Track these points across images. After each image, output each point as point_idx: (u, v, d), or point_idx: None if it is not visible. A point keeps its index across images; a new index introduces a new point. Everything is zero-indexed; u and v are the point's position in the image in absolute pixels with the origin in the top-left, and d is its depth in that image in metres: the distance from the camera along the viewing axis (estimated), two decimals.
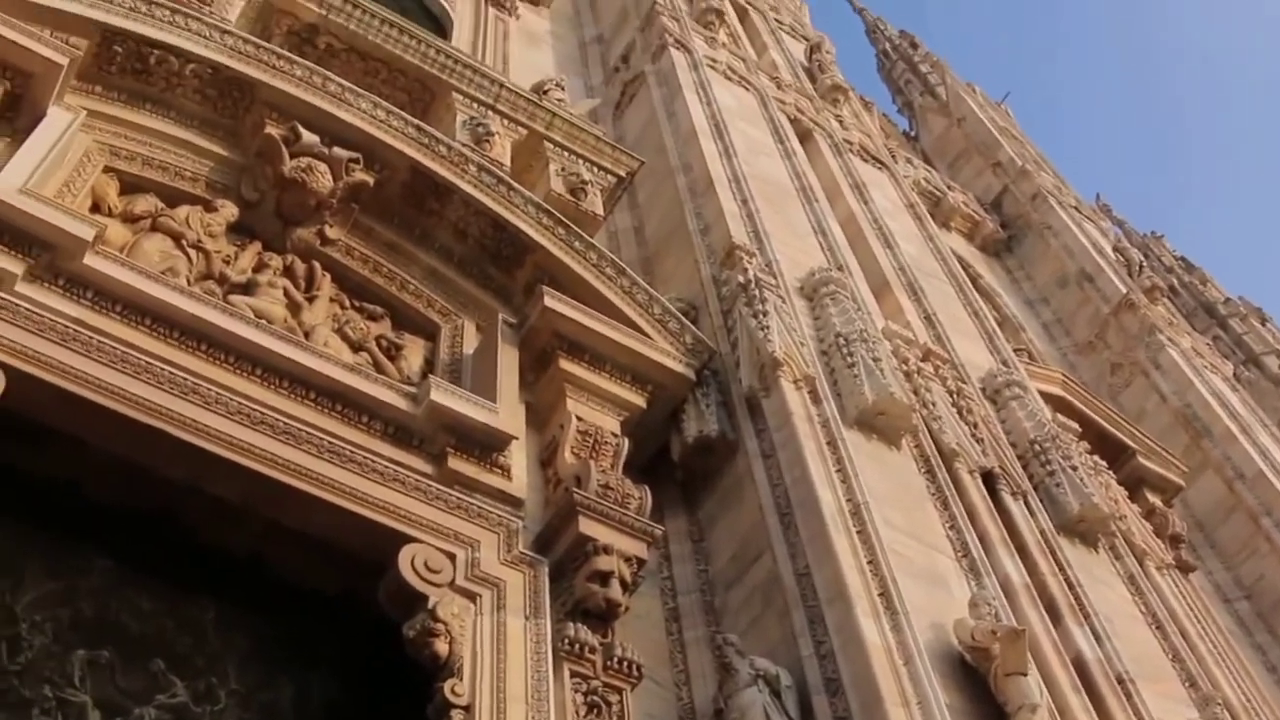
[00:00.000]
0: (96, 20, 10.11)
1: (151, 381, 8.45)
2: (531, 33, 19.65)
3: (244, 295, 9.86)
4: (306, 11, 12.86)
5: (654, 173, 14.71)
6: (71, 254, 8.71)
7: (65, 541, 8.40)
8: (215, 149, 10.70)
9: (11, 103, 9.42)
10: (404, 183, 11.09)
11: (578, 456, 9.91)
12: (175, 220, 10.03)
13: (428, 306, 10.99)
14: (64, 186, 9.52)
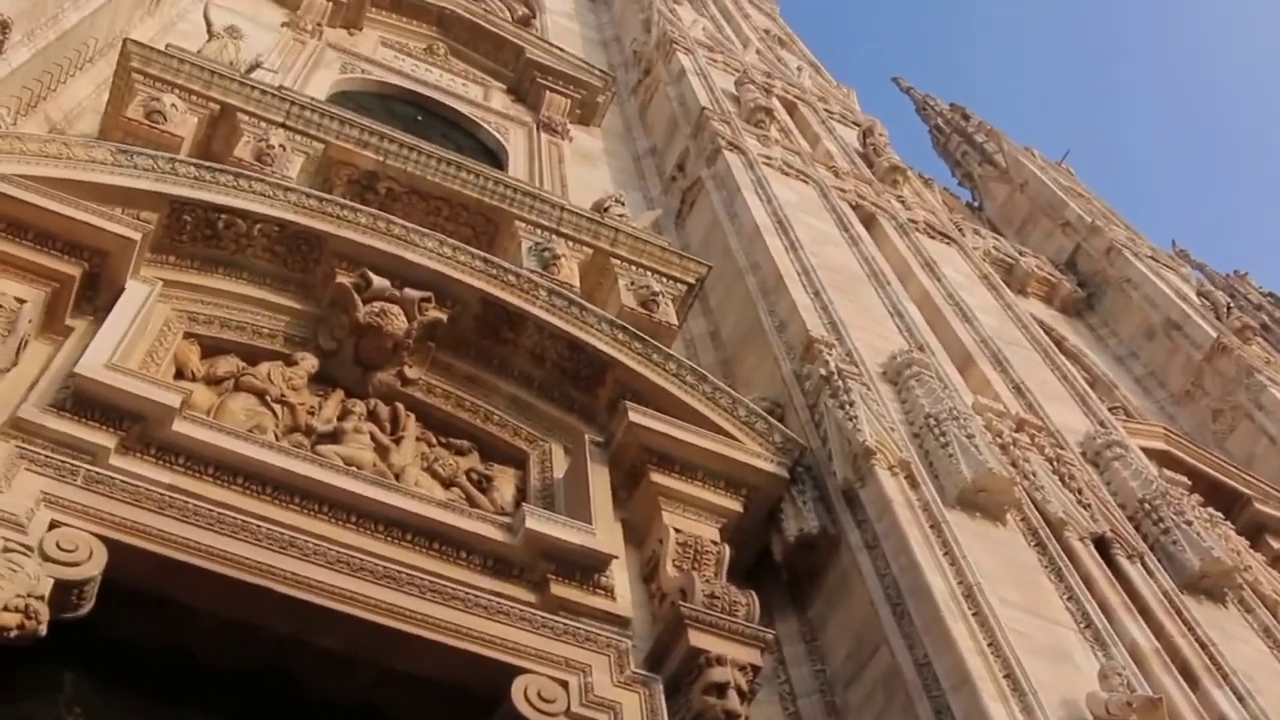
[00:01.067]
0: (165, 193, 10.39)
1: (250, 539, 8.50)
2: (586, 152, 19.91)
3: (332, 444, 9.95)
4: (364, 160, 13.11)
5: (723, 275, 14.76)
6: (160, 422, 8.86)
7: (176, 709, 8.40)
8: (290, 303, 10.89)
9: (90, 282, 9.65)
10: (477, 315, 11.19)
11: (680, 569, 9.80)
12: (257, 378, 10.20)
13: (513, 435, 11.01)
14: (147, 357, 9.75)
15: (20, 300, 9.06)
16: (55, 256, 9.46)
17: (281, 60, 16.96)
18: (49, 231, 9.47)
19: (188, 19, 16.67)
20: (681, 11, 27.88)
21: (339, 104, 15.99)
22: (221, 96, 12.67)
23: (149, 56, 12.48)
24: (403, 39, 21.06)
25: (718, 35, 27.47)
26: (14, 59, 11.33)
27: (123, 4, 14.55)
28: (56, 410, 8.75)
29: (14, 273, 9.24)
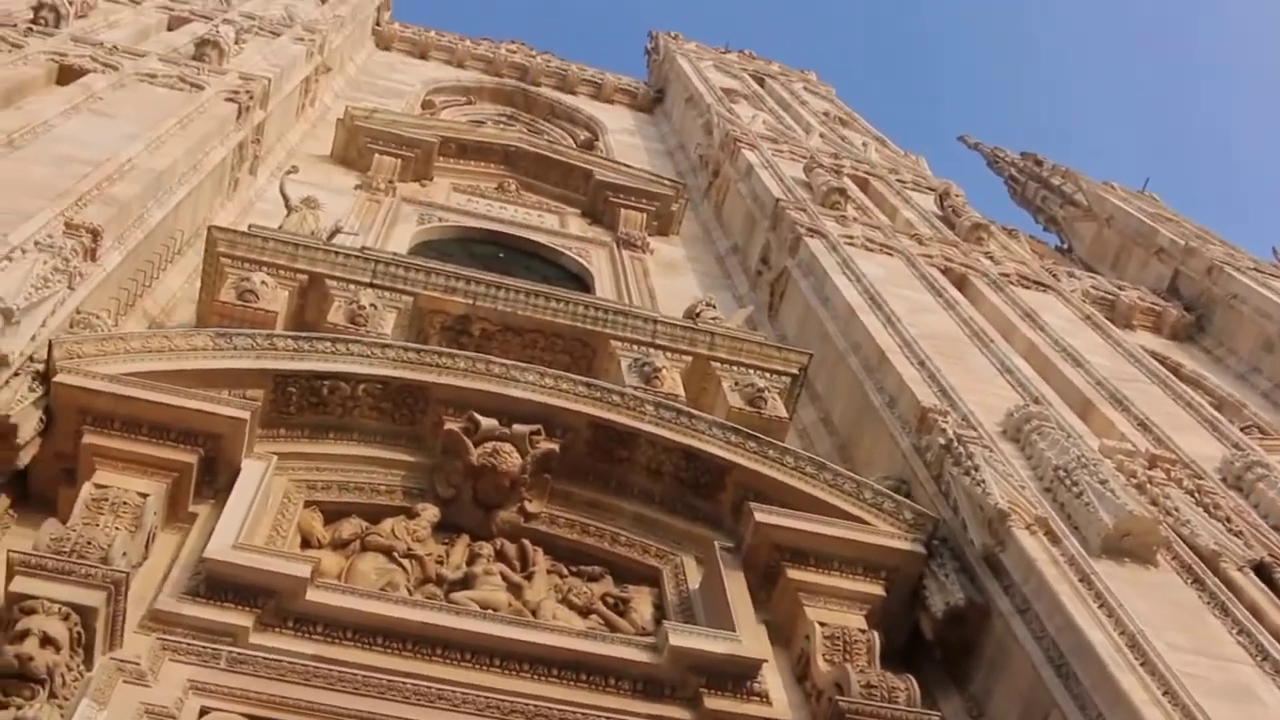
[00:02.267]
0: (266, 369, 10.59)
1: (398, 698, 8.55)
2: (669, 262, 20.04)
3: (465, 590, 9.94)
4: (454, 305, 13.28)
5: (825, 360, 14.67)
6: (294, 594, 8.94)
7: None
8: (403, 457, 10.98)
9: (208, 466, 9.82)
10: (588, 440, 11.19)
11: (832, 662, 9.59)
12: (382, 535, 10.27)
13: (643, 553, 10.92)
14: (273, 531, 9.89)
15: (143, 495, 9.24)
16: (171, 447, 9.66)
17: (360, 221, 17.37)
18: (162, 423, 9.68)
19: (265, 198, 17.17)
20: (740, 110, 28.20)
21: (421, 254, 16.31)
22: (308, 266, 12.94)
23: (234, 239, 12.82)
24: (474, 181, 21.48)
25: (779, 126, 27.70)
26: (108, 263, 11.68)
27: (203, 194, 15.00)
28: (192, 597, 8.87)
29: (134, 469, 9.45)
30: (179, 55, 18.55)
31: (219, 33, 19.58)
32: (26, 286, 10.04)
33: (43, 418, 9.60)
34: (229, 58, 19.01)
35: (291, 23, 23.38)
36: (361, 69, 29.27)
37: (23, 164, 12.76)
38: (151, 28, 21.05)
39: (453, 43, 34.00)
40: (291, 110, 20.91)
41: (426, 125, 22.40)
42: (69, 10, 19.13)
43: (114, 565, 8.33)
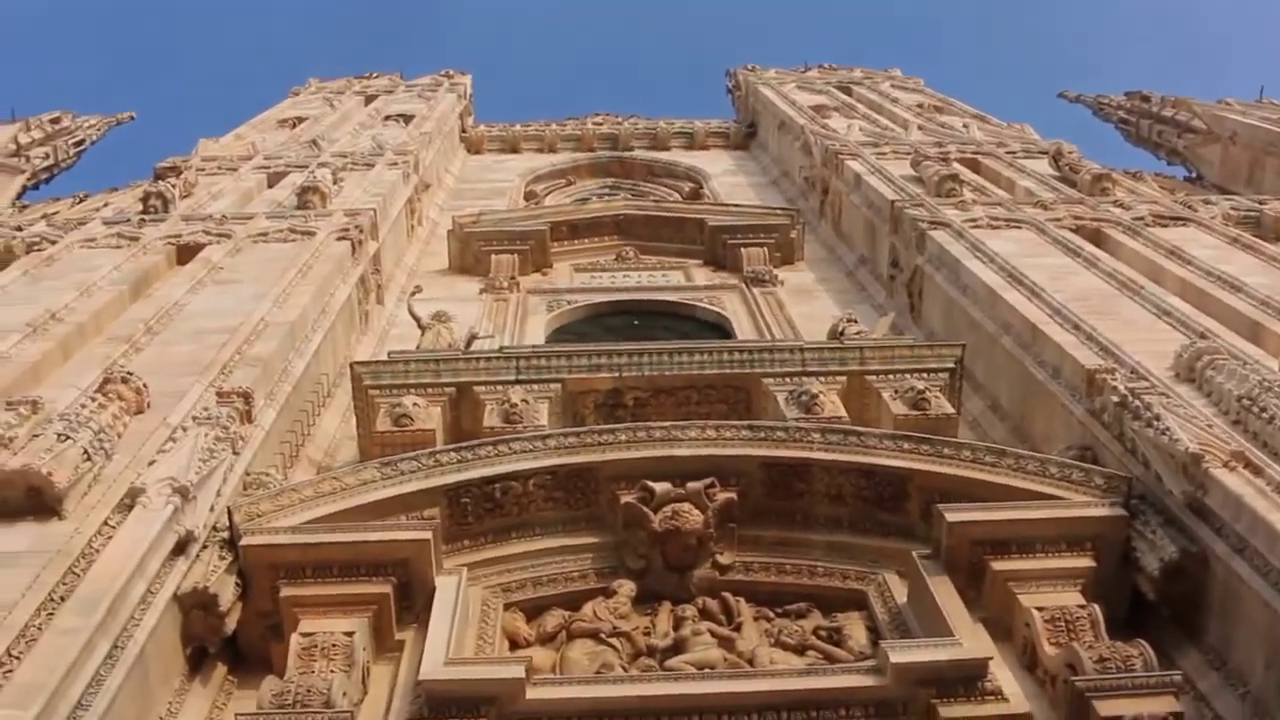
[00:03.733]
0: (437, 486, 10.75)
1: None
2: (800, 289, 19.94)
3: (678, 655, 9.90)
4: (602, 382, 13.36)
5: (979, 348, 14.41)
6: (513, 696, 8.98)
7: None
8: (587, 540, 11.04)
9: (403, 593, 9.98)
10: (763, 481, 11.12)
11: (1058, 645, 9.31)
12: (585, 620, 10.30)
13: (843, 579, 10.77)
14: (479, 641, 10.02)
15: (348, 634, 9.43)
16: (364, 581, 9.85)
17: (492, 323, 17.64)
18: (350, 561, 9.90)
19: (397, 322, 17.54)
20: (833, 123, 28.07)
21: (558, 340, 16.48)
22: (453, 379, 13.14)
23: (377, 370, 13.10)
24: (592, 257, 21.69)
25: (875, 130, 27.51)
26: (264, 421, 12.02)
27: (337, 334, 15.37)
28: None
29: (335, 610, 9.65)
30: (285, 209, 19.13)
31: (317, 178, 20.15)
32: (195, 462, 10.36)
33: (238, 581, 9.88)
34: (331, 199, 19.55)
35: (382, 151, 23.97)
36: (459, 177, 29.85)
37: (165, 347, 13.23)
38: (253, 189, 21.75)
39: (540, 130, 34.52)
40: (402, 233, 21.38)
41: (534, 215, 22.71)
42: (174, 194, 19.88)
43: (338, 708, 8.51)
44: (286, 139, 26.80)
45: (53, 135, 32.50)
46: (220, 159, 23.89)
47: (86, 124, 34.59)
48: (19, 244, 21.49)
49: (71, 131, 33.60)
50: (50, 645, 8.15)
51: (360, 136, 26.70)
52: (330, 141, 25.70)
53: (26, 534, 9.49)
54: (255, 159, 23.82)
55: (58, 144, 32.60)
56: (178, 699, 9.34)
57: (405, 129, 27.79)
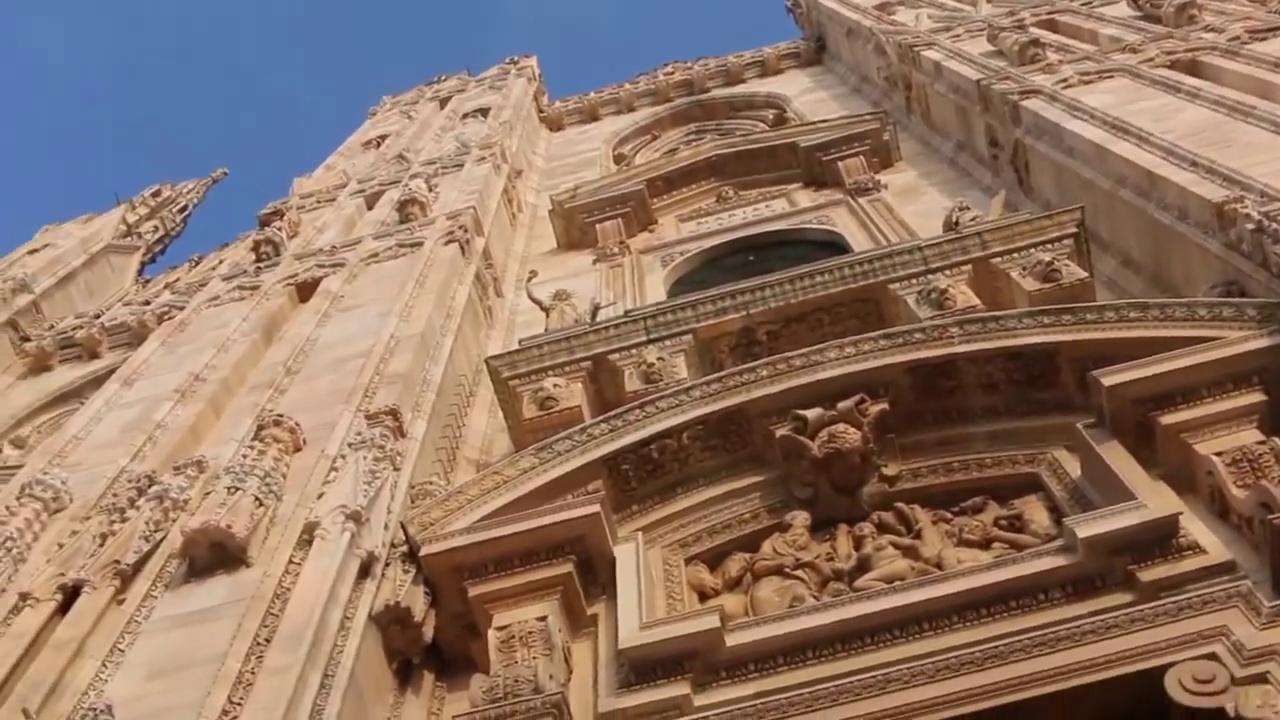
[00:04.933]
0: (594, 459, 10.88)
1: (849, 699, 8.50)
2: (906, 188, 19.68)
3: (865, 574, 9.88)
4: (732, 323, 13.37)
5: (1098, 207, 14.11)
6: (714, 646, 9.08)
7: None
8: (751, 480, 11.07)
9: (585, 568, 10.12)
10: (911, 386, 11.03)
11: (1246, 486, 9.08)
12: (767, 558, 10.35)
13: (1013, 466, 10.63)
14: (669, 600, 10.12)
15: (541, 619, 9.60)
16: (545, 566, 10.01)
17: (611, 290, 17.73)
18: (528, 549, 10.07)
19: (520, 309, 17.72)
20: (900, 16, 27.53)
21: (679, 293, 16.50)
22: (586, 353, 13.26)
23: (512, 360, 13.26)
24: (694, 205, 21.68)
25: (944, 14, 26.88)
26: (416, 432, 12.26)
27: (466, 336, 15.57)
28: (626, 689, 9.11)
29: (524, 599, 9.83)
30: (389, 226, 19.40)
31: (412, 189, 20.41)
32: (360, 486, 10.63)
33: (426, 591, 10.11)
34: (431, 206, 19.78)
35: (468, 149, 24.15)
36: (547, 156, 29.96)
37: (307, 383, 13.57)
38: (354, 215, 22.09)
39: (614, 92, 34.43)
40: (505, 223, 21.56)
41: (628, 176, 22.71)
42: (282, 236, 20.30)
43: (548, 691, 8.67)
44: (374, 159, 27.15)
45: (156, 208, 33.35)
46: (317, 193, 24.30)
47: (185, 190, 35.43)
48: (150, 317, 22.31)
49: (174, 200, 34.45)
50: (266, 686, 8.48)
51: (443, 140, 26.91)
52: (416, 152, 25.95)
53: (220, 587, 9.87)
54: (350, 185, 24.18)
55: (163, 215, 33.46)
56: (394, 713, 9.62)
57: (484, 123, 27.94)
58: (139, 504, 11.38)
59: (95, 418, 14.48)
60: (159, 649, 9.37)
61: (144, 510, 11.16)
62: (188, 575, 10.22)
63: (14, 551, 11.34)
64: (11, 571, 11.13)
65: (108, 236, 30.00)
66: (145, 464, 12.51)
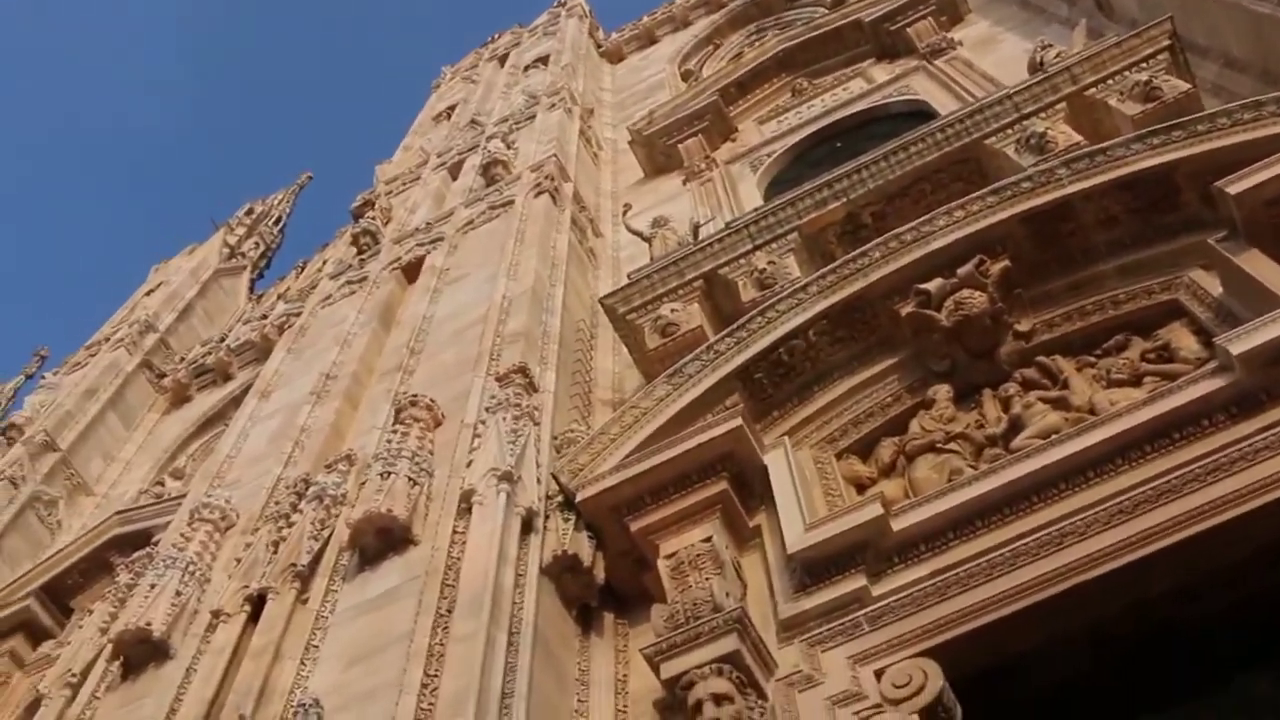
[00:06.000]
0: (726, 374, 10.88)
1: (1026, 560, 8.49)
2: (981, 40, 19.15)
3: (1019, 434, 9.75)
4: (834, 213, 13.20)
5: (1187, 12, 13.51)
6: (882, 533, 9.08)
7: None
8: (885, 364, 10.97)
9: (739, 483, 10.12)
10: (1027, 236, 10.79)
11: None
12: (916, 438, 10.29)
13: (1149, 296, 10.32)
14: (827, 498, 10.12)
15: (706, 540, 9.64)
16: (700, 488, 10.03)
17: (707, 206, 17.62)
18: (679, 475, 10.09)
19: (622, 245, 17.68)
20: None
21: (775, 194, 16.31)
22: (696, 272, 13.19)
23: (626, 295, 13.24)
24: (770, 105, 21.44)
25: None
26: (547, 385, 12.32)
27: (575, 281, 15.58)
28: (803, 592, 9.18)
29: (685, 525, 9.87)
30: (476, 192, 19.45)
31: (492, 151, 20.42)
32: (505, 446, 10.75)
33: (590, 535, 10.23)
34: (513, 164, 19.78)
35: (536, 99, 24.07)
36: (615, 89, 29.73)
37: (432, 360, 13.73)
38: (441, 188, 22.17)
39: (667, 11, 33.96)
40: (588, 164, 21.49)
41: (699, 91, 22.45)
42: (377, 225, 20.48)
43: (727, 608, 8.73)
44: (448, 130, 27.19)
45: (253, 225, 33.88)
46: (400, 176, 24.43)
47: (275, 202, 35.93)
48: (271, 329, 22.78)
49: (267, 214, 34.96)
50: (456, 654, 8.67)
51: (510, 96, 26.84)
52: (486, 114, 25.93)
53: (394, 569, 10.12)
54: (430, 161, 24.27)
55: (260, 231, 33.99)
56: (583, 658, 9.78)
57: (546, 71, 27.81)
58: (301, 507, 11.67)
59: (242, 434, 14.86)
60: (350, 638, 9.64)
61: (307, 512, 11.45)
62: (361, 564, 10.48)
63: (197, 574, 11.76)
64: (199, 593, 11.58)
65: (214, 262, 30.59)
66: (298, 468, 12.81)
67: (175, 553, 12.14)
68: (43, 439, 21.71)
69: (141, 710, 10.58)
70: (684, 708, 8.43)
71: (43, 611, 16.89)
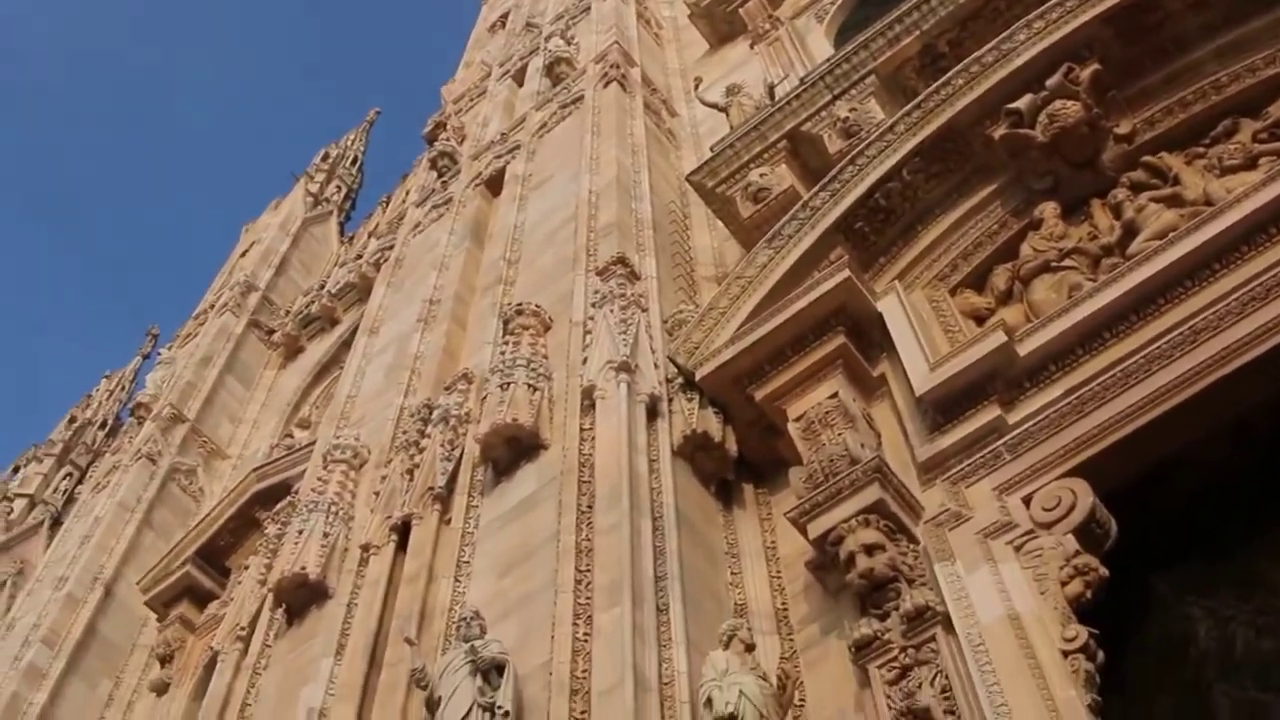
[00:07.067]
0: (824, 230, 10.69)
1: (1161, 363, 8.40)
2: None
3: (1135, 239, 9.46)
4: (909, 47, 12.84)
5: None
6: (1009, 360, 9.02)
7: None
8: (985, 192, 10.70)
9: (856, 333, 10.02)
10: (1113, 37, 10.38)
11: None
12: (1029, 260, 10.07)
13: (1253, 74, 9.85)
14: (947, 335, 9.99)
15: (832, 396, 9.58)
16: (817, 346, 9.96)
17: (778, 65, 17.25)
18: (795, 336, 10.04)
19: (699, 121, 17.39)
20: None
21: (845, 40, 15.92)
22: (778, 132, 12.92)
23: (712, 169, 13.05)
24: None
25: None
26: (649, 271, 12.23)
27: (658, 164, 15.38)
28: (939, 431, 9.15)
29: (808, 385, 9.83)
30: (545, 94, 19.26)
31: (553, 50, 20.15)
32: (617, 337, 10.73)
33: (716, 411, 10.22)
34: (576, 59, 19.52)
35: None
36: None
37: (530, 267, 13.72)
38: (509, 97, 21.99)
39: None
40: (651, 46, 21.10)
41: None
42: (452, 145, 20.40)
43: (864, 460, 8.71)
44: (505, 39, 26.84)
45: (331, 170, 34.00)
46: (467, 92, 24.23)
47: (349, 142, 36.02)
48: (368, 268, 22.94)
49: (343, 156, 35.07)
50: (604, 546, 8.77)
51: None
52: (540, 14, 25.54)
53: (529, 476, 10.24)
54: (493, 72, 24.03)
55: (339, 174, 34.11)
56: (729, 532, 9.86)
57: None
58: (428, 432, 11.80)
59: (359, 373, 15.04)
60: (498, 549, 9.78)
61: (435, 436, 11.57)
62: (496, 477, 10.60)
63: (340, 513, 12.02)
64: (346, 531, 11.84)
65: (300, 213, 30.80)
66: (418, 395, 12.94)
67: (316, 497, 12.39)
68: (170, 412, 22.18)
69: (311, 650, 10.87)
70: (836, 563, 8.47)
71: (202, 575, 17.34)
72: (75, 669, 17.14)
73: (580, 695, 7.84)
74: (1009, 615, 7.70)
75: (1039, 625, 7.60)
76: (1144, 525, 8.27)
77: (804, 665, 8.71)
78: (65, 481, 33.66)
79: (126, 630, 18.10)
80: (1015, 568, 8.01)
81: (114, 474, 21.49)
